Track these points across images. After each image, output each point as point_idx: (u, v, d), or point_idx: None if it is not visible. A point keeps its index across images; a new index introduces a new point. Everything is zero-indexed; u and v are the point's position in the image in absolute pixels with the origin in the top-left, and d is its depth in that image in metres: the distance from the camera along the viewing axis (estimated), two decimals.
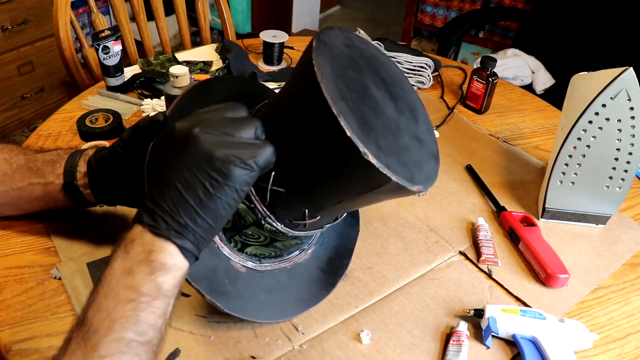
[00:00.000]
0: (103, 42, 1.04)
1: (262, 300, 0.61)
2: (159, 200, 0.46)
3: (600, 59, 1.61)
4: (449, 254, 0.77)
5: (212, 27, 2.16)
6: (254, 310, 0.60)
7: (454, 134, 1.05)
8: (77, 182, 0.64)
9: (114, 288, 0.45)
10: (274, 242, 0.60)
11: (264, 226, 0.57)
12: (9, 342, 0.59)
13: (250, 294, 0.60)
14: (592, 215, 0.84)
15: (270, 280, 0.63)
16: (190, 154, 0.46)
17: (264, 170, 0.49)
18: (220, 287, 0.57)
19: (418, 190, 0.51)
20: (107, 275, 0.46)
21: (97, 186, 0.65)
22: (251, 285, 0.61)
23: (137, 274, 0.45)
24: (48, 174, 0.65)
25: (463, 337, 0.63)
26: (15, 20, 2.03)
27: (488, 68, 1.09)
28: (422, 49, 2.65)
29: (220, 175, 0.46)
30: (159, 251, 0.46)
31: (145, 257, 0.46)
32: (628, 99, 0.72)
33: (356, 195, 0.54)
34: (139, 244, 0.46)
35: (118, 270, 0.45)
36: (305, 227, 0.59)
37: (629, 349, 0.66)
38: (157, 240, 0.46)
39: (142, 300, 0.45)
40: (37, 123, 2.24)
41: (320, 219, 0.58)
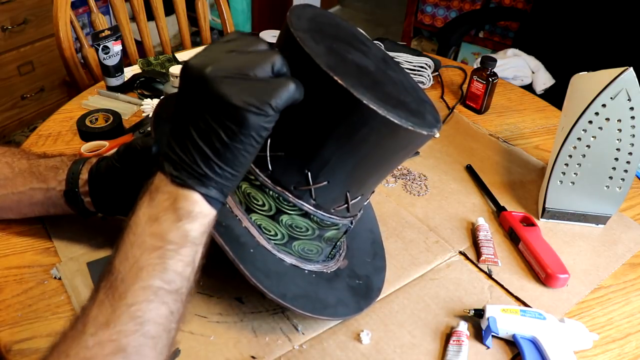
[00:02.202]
0: (103, 42, 1.04)
1: None
2: (178, 150, 0.45)
3: (600, 59, 1.61)
4: (449, 254, 0.77)
5: (212, 27, 2.16)
6: None
7: (454, 134, 1.05)
8: (79, 189, 0.64)
9: (140, 236, 0.44)
10: (280, 215, 0.59)
11: (269, 192, 0.58)
12: (9, 342, 0.59)
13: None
14: (592, 215, 0.84)
15: (288, 270, 0.63)
16: (204, 99, 0.44)
17: (287, 105, 0.46)
18: None
19: (428, 134, 0.52)
20: (132, 224, 0.45)
21: (97, 195, 0.64)
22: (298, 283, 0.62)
23: (163, 221, 0.44)
24: (50, 179, 0.65)
25: (463, 337, 0.63)
26: (15, 20, 2.03)
27: (488, 68, 1.09)
28: (422, 49, 2.65)
29: (234, 123, 0.43)
30: (184, 199, 0.45)
31: (170, 204, 0.45)
32: (628, 99, 0.72)
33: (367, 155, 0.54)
34: (164, 192, 0.45)
35: (143, 218, 0.45)
36: (312, 196, 0.57)
37: (629, 349, 0.66)
38: (181, 189, 0.45)
39: (169, 248, 0.44)
40: (37, 123, 2.24)
41: (325, 187, 0.57)
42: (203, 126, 0.44)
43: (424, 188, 0.90)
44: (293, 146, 0.54)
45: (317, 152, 0.54)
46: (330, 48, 0.52)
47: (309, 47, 0.49)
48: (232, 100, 0.43)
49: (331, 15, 0.60)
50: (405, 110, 0.52)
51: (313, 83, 0.48)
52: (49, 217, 0.74)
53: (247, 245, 0.59)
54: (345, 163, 0.55)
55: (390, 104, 0.51)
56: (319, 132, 0.53)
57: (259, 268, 0.58)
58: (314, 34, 0.52)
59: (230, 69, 0.44)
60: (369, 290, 0.68)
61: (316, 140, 0.53)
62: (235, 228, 0.59)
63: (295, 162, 0.55)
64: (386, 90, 0.54)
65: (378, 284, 0.69)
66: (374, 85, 0.52)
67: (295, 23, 0.51)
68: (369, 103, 0.48)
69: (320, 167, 0.55)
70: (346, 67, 0.52)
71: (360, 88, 0.49)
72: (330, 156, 0.54)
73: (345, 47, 0.55)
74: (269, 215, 0.59)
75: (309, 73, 0.48)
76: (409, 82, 0.60)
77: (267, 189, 0.57)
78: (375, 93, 0.51)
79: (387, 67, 0.59)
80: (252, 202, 0.58)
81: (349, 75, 0.50)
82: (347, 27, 0.60)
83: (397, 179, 0.91)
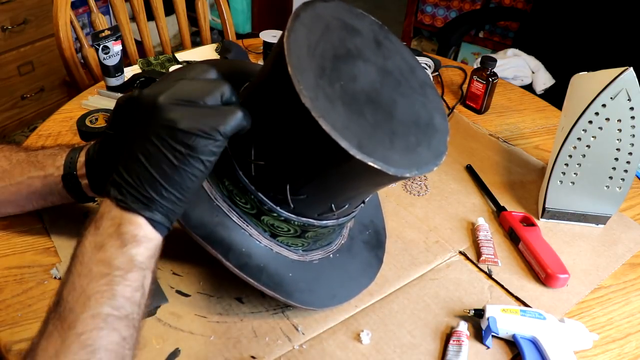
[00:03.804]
0: (103, 42, 1.04)
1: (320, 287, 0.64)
2: (124, 173, 0.46)
3: (600, 59, 1.61)
4: (449, 254, 0.77)
5: (212, 27, 2.16)
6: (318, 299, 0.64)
7: (454, 134, 1.05)
8: (77, 172, 0.64)
9: (87, 265, 0.44)
10: (305, 234, 0.61)
11: (294, 222, 0.59)
12: (9, 342, 0.59)
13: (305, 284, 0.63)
14: (592, 215, 0.84)
15: (320, 268, 0.65)
16: (153, 124, 0.45)
17: (235, 133, 0.47)
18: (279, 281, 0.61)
19: (401, 176, 0.51)
20: (78, 253, 0.45)
21: (95, 175, 0.64)
22: (302, 276, 0.63)
23: (108, 247, 0.45)
24: (48, 166, 0.65)
25: (463, 337, 0.63)
26: (15, 20, 2.03)
27: (488, 68, 1.09)
28: (422, 49, 2.65)
29: (183, 146, 0.45)
30: (128, 224, 0.45)
31: (114, 230, 0.45)
32: (628, 99, 0.72)
33: (355, 186, 0.56)
34: (108, 218, 0.46)
35: (89, 246, 0.45)
36: (335, 216, 0.61)
37: (629, 349, 0.66)
38: (125, 214, 0.46)
39: (116, 274, 0.44)
40: (37, 123, 2.24)
41: (347, 207, 0.60)
42: (151, 150, 0.45)
43: (424, 188, 0.90)
44: (314, 192, 0.56)
45: (342, 194, 0.57)
46: (343, 97, 0.50)
47: (333, 128, 0.47)
48: (182, 124, 0.44)
49: (317, 13, 0.55)
50: (424, 144, 0.54)
51: (339, 161, 0.49)
52: (49, 217, 0.74)
53: (286, 274, 0.61)
54: (367, 192, 0.61)
55: (411, 150, 0.52)
56: (342, 184, 0.54)
57: (303, 289, 0.62)
58: (322, 83, 0.49)
59: (181, 96, 0.46)
60: (377, 235, 0.74)
61: (340, 188, 0.56)
62: (270, 262, 0.61)
63: (318, 201, 0.57)
64: (399, 118, 0.54)
65: (380, 223, 0.76)
66: (391, 126, 0.53)
67: (303, 84, 0.47)
68: (397, 173, 0.50)
69: (343, 200, 0.58)
70: (366, 123, 0.50)
71: (388, 154, 0.50)
72: (353, 194, 0.58)
73: (349, 71, 0.53)
74: (294, 236, 0.61)
75: (335, 153, 0.48)
76: (406, 64, 0.60)
77: (292, 221, 0.59)
78: (399, 142, 0.52)
79: (384, 56, 0.57)
80: (277, 230, 0.60)
81: (374, 142, 0.50)
82: (335, 19, 0.56)
83: None
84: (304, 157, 0.52)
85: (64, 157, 0.65)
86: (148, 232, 0.46)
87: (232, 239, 0.58)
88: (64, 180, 0.64)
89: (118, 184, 0.46)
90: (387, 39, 0.60)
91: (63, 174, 0.64)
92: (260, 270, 0.59)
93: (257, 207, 0.58)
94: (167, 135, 0.45)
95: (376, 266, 0.71)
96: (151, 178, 0.45)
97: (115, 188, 0.46)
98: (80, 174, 0.64)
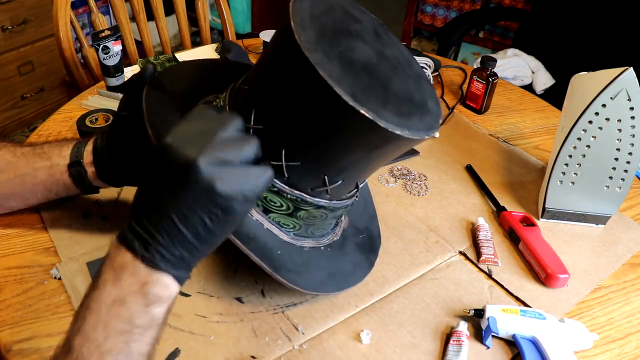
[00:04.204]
0: (103, 42, 1.04)
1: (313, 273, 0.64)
2: (152, 230, 0.43)
3: (600, 59, 1.61)
4: (449, 254, 0.77)
5: (212, 27, 2.16)
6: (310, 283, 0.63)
7: (454, 134, 1.05)
8: (83, 161, 0.65)
9: (104, 318, 0.43)
10: (297, 212, 0.61)
11: (287, 195, 0.59)
12: (9, 342, 0.59)
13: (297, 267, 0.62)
14: (592, 215, 0.84)
15: (310, 256, 0.65)
16: (190, 186, 0.42)
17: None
18: None
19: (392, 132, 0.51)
20: (93, 303, 0.43)
21: (103, 162, 0.65)
22: (294, 259, 0.63)
23: (130, 304, 0.43)
24: (54, 156, 0.65)
25: (463, 337, 0.63)
26: (15, 20, 2.03)
27: (488, 68, 1.09)
28: (422, 49, 2.65)
29: (221, 210, 0.43)
30: (155, 283, 0.44)
31: (139, 288, 0.43)
32: (628, 99, 0.72)
33: (360, 151, 0.55)
34: (132, 274, 0.43)
35: (109, 299, 0.43)
36: (328, 192, 0.59)
37: (629, 349, 0.66)
38: (152, 272, 0.44)
39: (136, 332, 0.43)
40: (37, 123, 2.24)
41: (340, 184, 0.59)
42: (186, 212, 0.43)
43: (424, 188, 0.90)
44: (309, 157, 0.56)
45: (335, 164, 0.56)
46: (341, 58, 0.52)
47: (330, 76, 0.49)
48: (221, 189, 0.43)
49: None
50: (417, 112, 0.55)
51: (337, 112, 0.50)
52: (49, 217, 0.74)
53: (274, 250, 0.61)
54: (360, 168, 0.59)
55: (406, 113, 0.53)
56: (340, 151, 0.55)
57: (291, 269, 0.61)
58: (323, 44, 0.51)
59: (216, 157, 0.43)
60: (371, 240, 0.74)
61: (336, 156, 0.55)
62: (260, 235, 0.60)
63: (311, 169, 0.57)
64: (395, 90, 0.55)
65: (376, 230, 0.76)
66: (386, 91, 0.53)
67: (305, 38, 0.50)
68: (394, 130, 0.50)
69: (337, 173, 0.58)
70: (361, 81, 0.52)
71: (380, 110, 0.50)
72: (348, 165, 0.57)
73: (348, 44, 0.55)
74: (286, 213, 0.61)
75: (332, 103, 0.49)
76: (403, 56, 0.60)
77: (285, 193, 0.59)
78: (392, 106, 0.52)
79: (382, 44, 0.59)
80: (270, 204, 0.60)
81: (369, 96, 0.50)
82: (337, 4, 0.59)
83: (397, 179, 0.91)
84: (301, 111, 0.53)
85: (71, 148, 0.66)
86: (172, 290, 0.45)
87: None
88: (70, 169, 0.65)
89: (143, 239, 0.43)
90: (386, 34, 0.61)
91: (69, 162, 0.65)
92: (249, 238, 0.58)
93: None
94: (206, 198, 0.43)
95: (367, 268, 0.70)
96: (183, 238, 0.44)
97: (140, 242, 0.43)
98: (87, 162, 0.65)
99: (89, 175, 0.65)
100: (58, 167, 0.65)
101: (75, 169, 0.65)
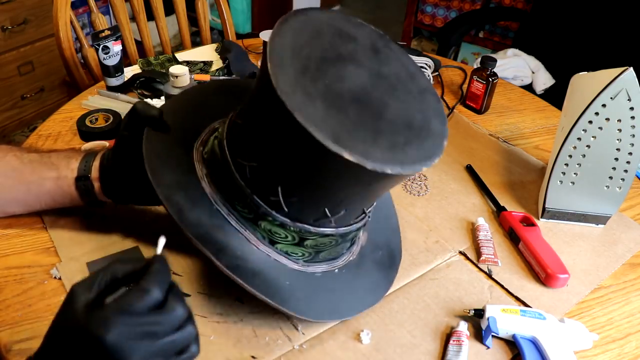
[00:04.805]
0: (103, 42, 1.04)
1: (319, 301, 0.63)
2: None
3: (600, 59, 1.61)
4: (449, 254, 0.77)
5: (212, 27, 2.16)
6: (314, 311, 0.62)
7: (454, 134, 1.05)
8: (91, 175, 0.65)
9: None
10: (304, 242, 0.61)
11: (290, 228, 0.59)
12: (9, 342, 0.59)
13: (304, 295, 0.62)
14: (592, 215, 0.84)
15: (321, 282, 0.64)
16: None
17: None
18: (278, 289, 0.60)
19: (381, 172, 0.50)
20: None
21: (108, 179, 0.65)
22: (303, 287, 0.62)
23: None
24: (63, 167, 0.66)
25: (463, 337, 0.63)
26: (15, 20, 2.03)
27: (488, 68, 1.09)
28: (422, 49, 2.65)
29: None
30: None
31: None
32: (628, 99, 0.72)
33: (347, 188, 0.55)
34: None
35: None
36: (332, 222, 0.59)
37: (629, 349, 0.66)
38: None
39: None
40: (37, 123, 2.24)
41: (344, 214, 0.59)
42: None
43: (424, 188, 0.90)
44: (305, 192, 0.56)
45: (332, 195, 0.56)
46: (326, 95, 0.51)
47: (309, 122, 0.48)
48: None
49: (308, 18, 0.57)
50: (415, 141, 0.53)
51: (322, 158, 0.49)
52: (49, 218, 0.74)
53: (282, 280, 0.60)
54: (359, 197, 0.58)
55: (400, 147, 0.52)
56: (328, 183, 0.54)
57: (300, 298, 0.60)
58: (303, 81, 0.50)
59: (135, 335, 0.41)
60: (391, 257, 0.72)
61: (332, 195, 0.55)
62: (266, 267, 0.60)
63: (310, 203, 0.57)
64: (390, 119, 0.54)
65: (397, 245, 0.74)
66: (378, 125, 0.52)
67: (281, 80, 0.49)
68: (384, 170, 0.49)
69: (337, 204, 0.57)
70: (349, 119, 0.51)
71: (370, 150, 0.49)
72: (344, 196, 0.56)
73: (336, 72, 0.53)
74: (293, 243, 0.61)
75: (316, 149, 0.48)
76: (406, 71, 0.59)
77: (288, 225, 0.59)
78: (383, 141, 0.51)
79: (380, 63, 0.57)
80: (275, 235, 0.60)
81: (356, 137, 0.50)
82: (328, 25, 0.57)
83: None
84: (288, 154, 0.53)
85: (79, 160, 0.66)
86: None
87: (228, 242, 0.58)
88: (77, 182, 0.65)
89: None
90: (387, 47, 0.60)
91: (77, 176, 0.65)
92: (254, 274, 0.58)
93: (254, 211, 0.58)
94: None
95: (384, 287, 0.68)
96: None
97: None
98: (94, 176, 0.65)
99: (96, 189, 0.66)
100: (66, 180, 0.65)
101: (83, 182, 0.65)
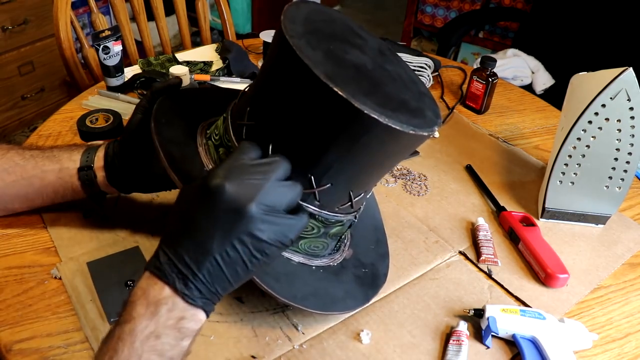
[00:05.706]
0: (103, 42, 1.04)
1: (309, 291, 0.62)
2: (194, 268, 0.46)
3: (600, 59, 1.61)
4: (449, 254, 0.77)
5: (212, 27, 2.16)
6: None
7: (454, 134, 1.05)
8: (94, 165, 0.65)
9: (138, 351, 0.44)
10: (326, 233, 0.61)
11: (317, 217, 0.59)
12: (9, 342, 0.59)
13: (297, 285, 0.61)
14: (592, 215, 0.84)
15: (297, 270, 0.63)
16: (240, 230, 0.46)
17: None
18: None
19: (429, 134, 0.51)
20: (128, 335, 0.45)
21: (114, 168, 0.65)
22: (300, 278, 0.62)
23: (164, 338, 0.45)
24: (64, 159, 0.66)
25: (463, 337, 0.63)
26: (16, 20, 2.03)
27: (488, 68, 1.09)
28: (422, 49, 2.65)
29: (261, 254, 0.47)
30: (190, 319, 0.46)
31: (174, 323, 0.46)
32: (628, 99, 0.72)
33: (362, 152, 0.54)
34: (169, 310, 0.45)
35: (143, 333, 0.45)
36: (317, 198, 0.57)
37: (628, 349, 0.66)
38: (189, 309, 0.46)
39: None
40: (37, 123, 2.24)
41: (330, 188, 0.57)
42: (232, 254, 0.46)
43: (424, 188, 0.90)
44: (296, 153, 0.54)
45: (320, 158, 0.54)
46: (327, 52, 0.52)
47: (307, 57, 0.49)
48: (266, 236, 0.47)
49: (325, 9, 0.60)
50: (406, 112, 0.52)
51: (313, 93, 0.49)
52: (49, 217, 0.74)
53: None
54: (348, 166, 0.55)
55: (391, 108, 0.51)
56: (321, 140, 0.53)
57: (268, 272, 0.58)
58: (310, 37, 0.52)
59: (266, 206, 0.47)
60: (375, 278, 0.69)
61: (319, 147, 0.53)
62: None
63: (298, 167, 0.55)
64: (386, 91, 0.53)
65: (383, 270, 0.71)
66: (374, 87, 0.52)
67: (290, 28, 0.51)
68: (370, 112, 0.48)
69: (324, 172, 0.55)
70: (345, 72, 0.51)
71: (360, 95, 0.49)
72: (333, 161, 0.54)
73: (342, 47, 0.55)
74: None
75: (308, 83, 0.49)
76: (407, 75, 0.60)
77: None
78: (375, 98, 0.50)
79: (384, 60, 0.58)
80: None
81: (349, 82, 0.50)
82: (342, 20, 0.60)
83: (397, 179, 0.91)
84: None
85: (81, 152, 0.66)
86: (202, 323, 0.48)
87: None
88: (79, 173, 0.65)
89: (183, 276, 0.46)
90: (393, 55, 0.61)
91: (80, 166, 0.65)
92: None
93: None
94: (251, 244, 0.46)
95: (360, 301, 0.65)
96: (224, 278, 0.47)
97: (179, 279, 0.46)
98: (97, 166, 0.65)
99: (99, 179, 0.66)
100: (68, 171, 0.66)
101: (85, 172, 0.65)
